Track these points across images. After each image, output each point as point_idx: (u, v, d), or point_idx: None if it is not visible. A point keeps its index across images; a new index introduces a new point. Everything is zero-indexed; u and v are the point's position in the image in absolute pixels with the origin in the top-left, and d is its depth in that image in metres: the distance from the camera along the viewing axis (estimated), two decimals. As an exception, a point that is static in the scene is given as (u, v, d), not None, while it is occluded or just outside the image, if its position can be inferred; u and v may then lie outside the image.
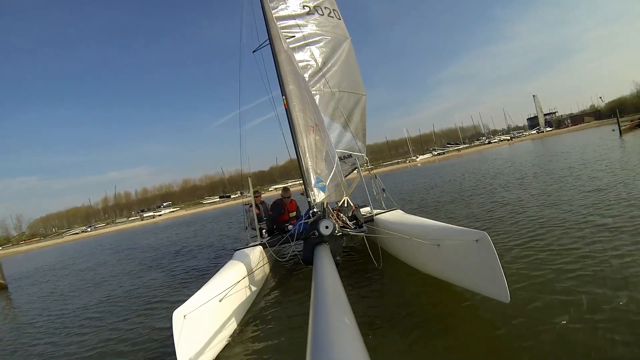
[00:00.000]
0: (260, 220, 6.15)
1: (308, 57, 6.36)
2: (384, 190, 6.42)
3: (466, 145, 72.24)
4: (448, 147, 72.43)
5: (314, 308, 1.63)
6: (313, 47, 6.41)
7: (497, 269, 2.62)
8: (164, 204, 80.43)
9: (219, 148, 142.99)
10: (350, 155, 6.63)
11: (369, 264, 4.49)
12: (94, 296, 7.11)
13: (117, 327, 4.54)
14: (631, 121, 30.61)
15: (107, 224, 69.44)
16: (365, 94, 7.18)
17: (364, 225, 4.75)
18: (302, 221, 4.57)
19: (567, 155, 15.61)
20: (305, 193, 4.47)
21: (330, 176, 4.49)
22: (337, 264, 3.05)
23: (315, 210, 4.24)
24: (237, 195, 72.51)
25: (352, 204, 5.60)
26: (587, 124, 57.40)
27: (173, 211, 69.01)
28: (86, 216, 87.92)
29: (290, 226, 5.53)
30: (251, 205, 6.48)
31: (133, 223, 59.02)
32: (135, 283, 7.47)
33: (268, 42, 5.08)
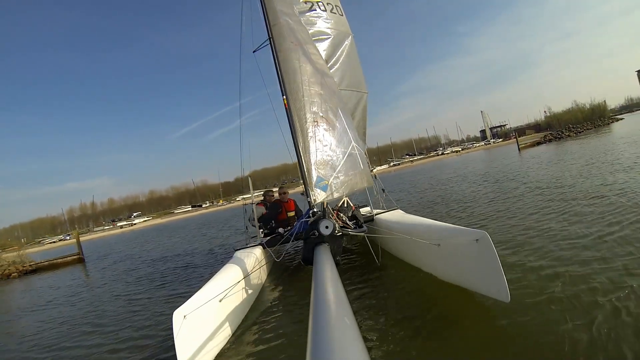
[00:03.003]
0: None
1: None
2: (383, 190, 6.41)
3: (420, 157, 77.39)
4: (405, 158, 76.12)
5: (314, 308, 1.63)
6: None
7: (497, 269, 2.62)
8: (134, 214, 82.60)
9: (183, 158, 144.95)
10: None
11: (369, 263, 4.49)
12: (94, 296, 7.13)
13: (117, 327, 4.54)
14: (545, 138, 40.07)
15: (82, 233, 70.24)
16: (367, 91, 7.13)
17: (364, 225, 4.74)
18: (303, 220, 4.57)
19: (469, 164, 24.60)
20: (306, 193, 4.46)
21: (341, 164, 4.34)
22: (337, 264, 3.05)
23: (315, 210, 4.23)
24: (207, 205, 76.23)
25: (352, 204, 5.60)
26: (527, 136, 60.50)
27: (147, 220, 71.04)
28: (52, 227, 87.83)
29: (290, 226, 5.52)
30: (259, 203, 6.47)
31: (112, 231, 60.41)
32: (135, 284, 7.47)
33: (268, 42, 5.07)
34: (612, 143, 16.46)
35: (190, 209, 78.39)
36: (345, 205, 5.51)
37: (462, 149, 74.98)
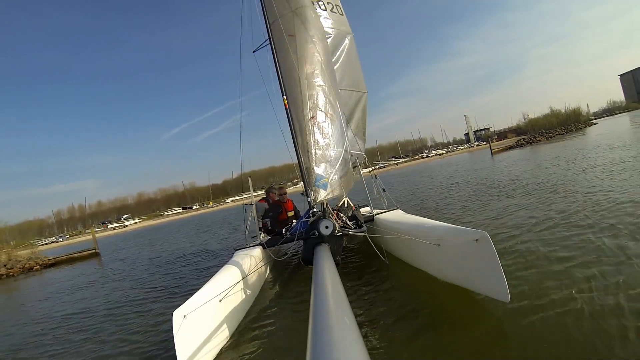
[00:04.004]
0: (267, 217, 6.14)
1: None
2: (384, 190, 6.41)
3: (406, 159, 79.13)
4: (391, 160, 77.36)
5: (314, 308, 1.63)
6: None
7: (497, 269, 2.62)
8: (124, 216, 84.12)
9: (171, 161, 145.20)
10: (350, 154, 6.59)
11: (369, 263, 4.48)
12: (94, 294, 7.12)
13: (117, 327, 4.54)
14: (518, 142, 42.71)
15: (72, 235, 71.52)
16: (367, 91, 7.12)
17: (364, 225, 4.74)
18: (303, 219, 4.57)
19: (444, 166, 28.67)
20: (305, 193, 4.46)
21: (338, 163, 4.34)
22: (337, 264, 3.04)
23: (315, 210, 4.23)
24: (197, 207, 79.45)
25: (352, 204, 5.60)
26: (501, 141, 63.06)
27: (138, 222, 72.97)
28: (39, 230, 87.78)
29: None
30: (261, 200, 6.48)
31: (104, 233, 61.29)
32: (135, 283, 7.47)
33: (268, 42, 5.07)
34: (571, 150, 17.49)
35: (181, 210, 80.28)
36: (345, 205, 5.51)
37: (446, 152, 77.24)
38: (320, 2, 6.48)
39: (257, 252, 4.84)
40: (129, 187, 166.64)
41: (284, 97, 4.65)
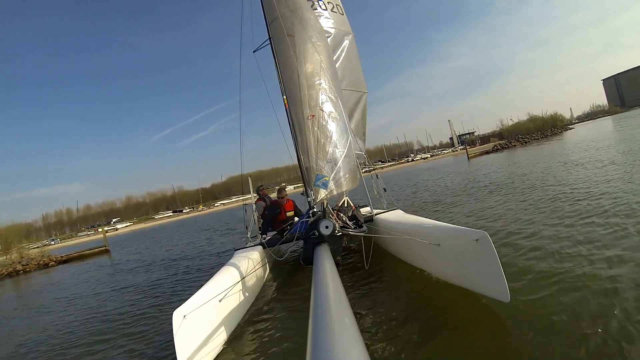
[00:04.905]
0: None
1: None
2: (384, 190, 6.41)
3: (391, 163, 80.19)
4: (377, 164, 78.92)
5: (314, 308, 1.63)
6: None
7: (497, 269, 2.62)
8: (114, 220, 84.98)
9: (158, 164, 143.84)
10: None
11: (369, 263, 4.47)
12: (94, 293, 7.12)
13: (117, 327, 4.54)
14: (494, 147, 44.85)
15: (63, 239, 72.14)
16: (367, 91, 7.11)
17: (364, 225, 4.73)
18: (303, 219, 4.56)
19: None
20: (305, 193, 4.46)
21: (341, 161, 4.32)
22: (337, 264, 3.04)
23: (315, 210, 4.23)
24: (188, 210, 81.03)
25: (352, 204, 5.60)
26: (491, 143, 64.39)
27: (129, 225, 74.19)
28: (27, 234, 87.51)
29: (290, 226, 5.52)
30: (257, 199, 6.48)
31: (96, 236, 61.70)
32: (135, 283, 7.47)
33: (268, 42, 5.07)
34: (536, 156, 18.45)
35: (172, 214, 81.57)
36: (345, 205, 5.51)
37: (431, 156, 79.28)
38: (320, 2, 6.46)
39: (257, 252, 4.83)
40: (116, 190, 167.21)
41: (284, 96, 4.65)
